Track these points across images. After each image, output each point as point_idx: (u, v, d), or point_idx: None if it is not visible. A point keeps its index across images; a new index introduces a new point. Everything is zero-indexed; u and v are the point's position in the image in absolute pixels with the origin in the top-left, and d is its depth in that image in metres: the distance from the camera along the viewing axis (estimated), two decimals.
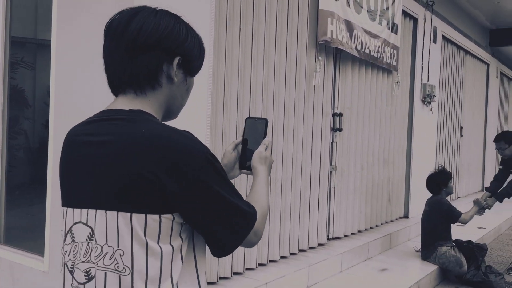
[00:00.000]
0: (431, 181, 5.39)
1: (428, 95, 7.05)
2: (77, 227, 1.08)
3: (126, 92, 1.14)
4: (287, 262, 4.33)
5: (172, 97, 1.17)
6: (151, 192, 1.01)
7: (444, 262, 4.98)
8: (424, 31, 6.98)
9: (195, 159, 1.04)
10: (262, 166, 1.31)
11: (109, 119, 1.09)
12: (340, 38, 4.71)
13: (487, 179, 10.83)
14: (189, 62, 1.17)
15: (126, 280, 1.02)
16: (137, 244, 1.02)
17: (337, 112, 5.16)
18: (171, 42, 1.11)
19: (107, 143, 1.06)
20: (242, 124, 3.87)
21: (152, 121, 1.08)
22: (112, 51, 1.12)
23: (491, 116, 10.95)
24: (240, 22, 3.83)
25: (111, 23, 1.14)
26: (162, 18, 1.12)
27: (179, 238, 1.08)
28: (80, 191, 1.09)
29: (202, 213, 1.06)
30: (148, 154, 1.01)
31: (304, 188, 4.69)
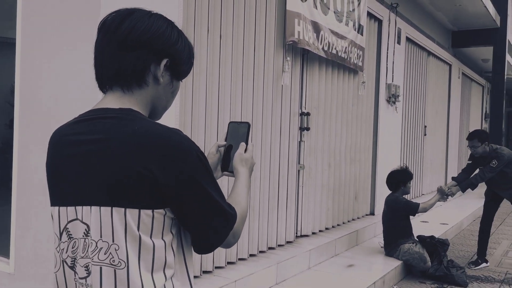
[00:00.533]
0: (391, 178, 5.53)
1: (392, 95, 7.23)
2: (73, 224, 1.11)
3: (113, 89, 1.16)
4: (256, 260, 4.38)
5: (157, 97, 1.20)
6: (144, 188, 1.04)
7: (408, 259, 5.12)
8: (388, 33, 7.16)
9: (186, 156, 1.07)
10: (243, 168, 1.34)
11: (100, 118, 1.11)
12: (307, 39, 4.79)
13: (450, 176, 11.17)
14: (177, 65, 1.20)
15: (122, 273, 1.05)
16: (130, 238, 1.05)
17: (305, 112, 5.25)
18: (161, 44, 1.15)
19: (100, 141, 1.08)
20: (211, 125, 3.91)
21: (143, 119, 1.11)
22: (103, 47, 1.15)
23: (453, 116, 11.29)
24: (208, 23, 3.85)
25: (106, 20, 1.16)
26: (155, 20, 1.16)
27: (170, 233, 1.11)
28: (73, 190, 1.11)
29: (190, 208, 1.10)
30: (141, 151, 1.05)
31: (273, 187, 4.75)
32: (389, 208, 5.40)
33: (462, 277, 5.00)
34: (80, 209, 1.10)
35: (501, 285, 5.04)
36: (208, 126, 3.92)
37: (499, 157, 5.38)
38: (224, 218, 1.14)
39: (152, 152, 1.05)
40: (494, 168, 5.38)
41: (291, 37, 4.60)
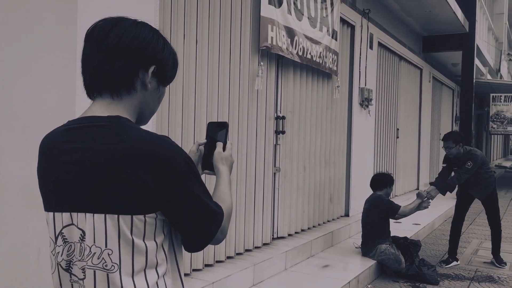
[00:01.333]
0: (377, 179, 5.71)
1: (365, 98, 7.39)
2: (69, 229, 1.16)
3: (102, 96, 1.21)
4: (233, 262, 4.43)
5: (145, 103, 1.25)
6: (136, 194, 1.09)
7: (384, 259, 5.25)
8: (361, 38, 7.32)
9: (175, 162, 1.13)
10: (223, 166, 1.40)
11: (90, 126, 1.15)
12: (280, 44, 4.89)
13: (422, 178, 11.44)
14: (163, 72, 1.25)
15: (115, 276, 1.11)
16: (124, 243, 1.11)
17: (280, 116, 5.34)
18: (149, 52, 1.20)
19: (91, 150, 1.12)
20: (188, 127, 3.96)
21: (132, 127, 1.16)
22: (92, 55, 1.19)
23: (424, 118, 11.56)
24: (184, 28, 3.91)
25: (94, 28, 1.20)
26: (142, 29, 1.21)
27: (162, 233, 1.17)
28: (68, 197, 1.15)
29: (181, 211, 1.15)
30: (132, 159, 1.09)
31: (249, 190, 4.82)
32: (371, 206, 5.52)
33: (433, 275, 5.15)
34: (76, 215, 1.14)
35: (471, 283, 5.21)
36: (185, 129, 3.97)
37: (473, 158, 5.55)
38: (212, 217, 1.20)
39: (142, 160, 1.10)
40: (470, 170, 5.55)
41: (265, 42, 4.69)
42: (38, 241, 2.94)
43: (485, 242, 7.23)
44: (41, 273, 2.92)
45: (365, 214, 5.59)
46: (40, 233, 2.93)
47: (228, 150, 1.44)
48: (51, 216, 1.20)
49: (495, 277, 5.45)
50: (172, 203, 1.13)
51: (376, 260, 5.28)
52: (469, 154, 5.60)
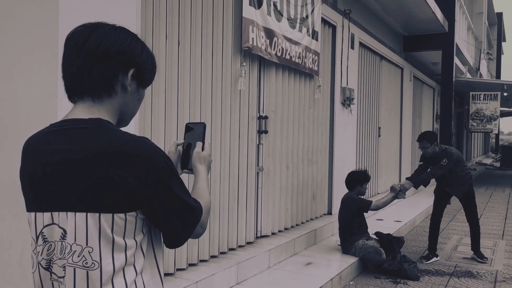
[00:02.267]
0: (350, 177, 5.81)
1: (347, 98, 7.48)
2: (49, 228, 1.19)
3: (84, 99, 1.25)
4: (217, 261, 4.47)
5: (125, 105, 1.29)
6: (117, 194, 1.14)
7: (364, 254, 5.34)
8: (342, 38, 7.41)
9: (155, 162, 1.17)
10: (202, 166, 1.45)
11: (71, 129, 1.19)
12: (260, 45, 4.94)
13: (404, 176, 11.58)
14: (142, 74, 1.30)
15: (95, 274, 1.15)
16: (104, 241, 1.15)
17: (263, 115, 5.39)
18: (128, 55, 1.24)
19: (73, 151, 1.16)
20: (170, 129, 3.99)
21: (112, 129, 1.20)
22: (72, 59, 1.23)
23: (406, 117, 11.72)
24: (166, 29, 3.93)
25: (73, 34, 1.24)
26: (121, 33, 1.25)
27: (141, 232, 1.22)
28: (49, 196, 1.19)
29: (161, 209, 1.20)
30: (113, 159, 1.14)
31: (232, 189, 4.86)
32: (343, 206, 5.65)
33: (414, 271, 5.26)
34: (57, 214, 1.18)
35: (450, 278, 5.33)
36: (168, 129, 3.99)
37: (449, 156, 5.72)
38: (191, 213, 1.26)
39: (123, 159, 1.14)
40: (444, 166, 5.71)
41: (246, 43, 4.74)
42: (21, 242, 2.95)
43: (465, 238, 7.38)
44: (25, 274, 2.93)
45: (340, 214, 5.72)
46: (22, 234, 2.93)
47: (207, 150, 1.49)
48: (33, 216, 1.23)
49: (474, 272, 5.58)
50: (152, 200, 1.18)
51: (358, 256, 5.37)
52: (444, 152, 5.78)
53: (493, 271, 5.62)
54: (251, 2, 4.79)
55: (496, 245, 7.02)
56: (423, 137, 5.85)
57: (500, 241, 7.30)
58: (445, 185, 5.97)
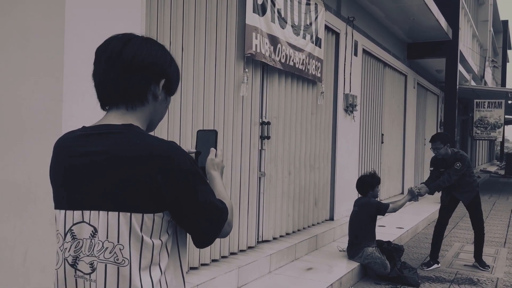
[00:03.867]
0: (360, 181, 5.82)
1: (350, 104, 7.52)
2: (78, 226, 1.26)
3: (119, 107, 1.33)
4: (218, 265, 4.51)
5: (155, 112, 1.38)
6: (148, 194, 1.21)
7: (370, 262, 5.35)
8: (346, 45, 7.46)
9: (183, 165, 1.24)
10: (216, 172, 1.51)
11: (105, 133, 1.27)
12: (263, 52, 5.00)
13: (407, 183, 11.60)
14: (170, 84, 1.38)
15: (125, 270, 1.22)
16: (134, 239, 1.22)
17: (265, 121, 5.44)
18: (160, 67, 1.33)
19: (106, 154, 1.24)
20: (173, 134, 4.04)
21: (143, 134, 1.28)
22: (107, 70, 1.30)
23: (409, 124, 11.74)
24: (170, 35, 4.00)
25: (107, 46, 1.31)
26: (153, 46, 1.34)
27: (166, 233, 1.28)
28: (81, 196, 1.26)
29: (190, 210, 1.27)
30: (144, 162, 1.21)
31: (234, 194, 4.91)
32: (360, 208, 5.62)
33: (414, 277, 5.27)
34: (88, 213, 1.25)
35: (451, 285, 5.34)
36: (171, 135, 4.05)
37: (462, 159, 5.70)
38: (219, 213, 1.33)
39: (154, 163, 1.21)
40: (459, 170, 5.69)
41: (249, 50, 4.80)
42: (24, 243, 3.00)
43: (467, 245, 7.39)
44: (28, 275, 2.98)
45: (354, 216, 5.68)
46: (26, 235, 2.99)
47: (220, 156, 1.55)
48: (63, 213, 1.30)
49: (474, 279, 5.59)
50: (180, 202, 1.25)
51: (362, 263, 5.38)
52: (457, 155, 5.75)
53: (493, 279, 5.62)
54: (255, 9, 4.85)
55: (498, 253, 7.01)
56: (437, 137, 5.81)
57: (502, 249, 7.30)
58: (454, 191, 5.93)
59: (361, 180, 5.88)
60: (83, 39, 2.99)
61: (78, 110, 2.94)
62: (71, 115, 2.92)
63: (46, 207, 2.87)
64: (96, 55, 1.33)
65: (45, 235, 2.93)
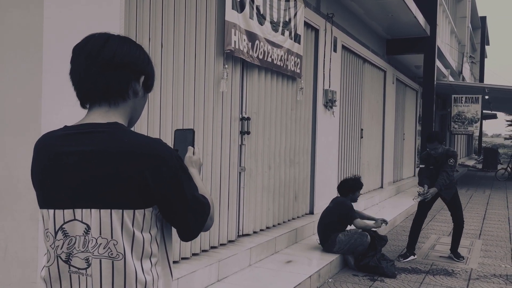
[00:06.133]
0: (343, 183, 5.98)
1: (329, 100, 7.63)
2: (70, 224, 1.30)
3: (101, 104, 1.36)
4: (199, 258, 4.57)
5: (135, 109, 1.43)
6: (138, 190, 1.26)
7: (352, 243, 5.46)
8: (325, 41, 7.55)
9: (170, 162, 1.30)
10: (194, 169, 1.54)
11: (91, 132, 1.31)
12: (242, 48, 5.06)
13: (386, 177, 11.79)
14: (149, 80, 1.44)
15: (119, 263, 1.27)
16: (126, 234, 1.27)
17: (245, 117, 5.50)
18: (139, 64, 1.38)
19: (94, 152, 1.28)
20: (153, 130, 4.08)
21: (129, 132, 1.32)
22: (87, 68, 1.33)
23: (388, 119, 11.92)
24: (149, 31, 4.03)
25: (86, 44, 1.35)
26: (131, 44, 1.39)
27: (155, 227, 1.34)
28: (70, 195, 1.29)
29: (176, 205, 1.32)
30: (133, 160, 1.26)
31: (215, 189, 4.97)
32: (334, 205, 5.79)
33: (391, 269, 5.42)
34: (79, 211, 1.29)
35: (426, 276, 5.49)
36: (151, 131, 4.09)
37: (454, 155, 5.89)
38: (203, 208, 1.38)
39: (142, 160, 1.26)
40: (454, 166, 5.88)
41: (229, 46, 4.85)
42: (4, 240, 3.02)
43: (443, 237, 7.57)
44: (9, 270, 3.01)
45: (326, 212, 5.82)
46: (7, 232, 3.01)
47: (197, 154, 1.60)
48: (52, 213, 1.32)
49: (449, 270, 5.75)
50: (167, 197, 1.30)
51: (343, 250, 5.50)
52: (449, 152, 5.95)
53: (467, 269, 5.80)
54: (233, 5, 4.90)
55: (473, 245, 7.21)
56: (435, 138, 5.87)
57: (477, 241, 7.50)
58: None
59: (344, 182, 6.03)
60: (61, 36, 3.01)
61: (57, 107, 2.97)
62: (50, 111, 2.94)
63: (27, 203, 2.90)
64: (73, 53, 1.37)
65: (26, 230, 2.96)
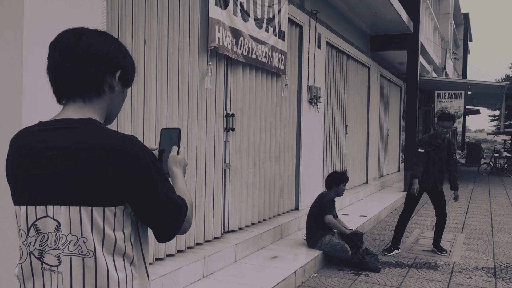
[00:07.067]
0: (329, 175, 6.05)
1: (314, 96, 7.66)
2: (43, 221, 1.29)
3: (75, 100, 1.34)
4: (184, 255, 4.57)
5: (112, 104, 1.41)
6: (108, 188, 1.24)
7: (330, 250, 5.51)
8: (309, 38, 7.58)
9: (143, 159, 1.27)
10: (178, 169, 1.51)
11: (64, 128, 1.30)
12: (226, 44, 5.06)
13: (371, 172, 11.88)
14: (126, 75, 1.41)
15: (90, 261, 1.25)
16: (96, 232, 1.25)
17: (230, 113, 5.51)
18: (114, 58, 1.36)
19: (66, 148, 1.26)
20: (137, 128, 4.07)
21: (102, 128, 1.30)
22: (62, 63, 1.32)
23: (373, 115, 12.01)
24: (132, 28, 4.01)
25: (60, 39, 1.34)
26: (107, 38, 1.37)
27: (129, 226, 1.31)
28: (42, 191, 1.28)
29: (149, 204, 1.29)
30: (104, 156, 1.23)
31: (199, 185, 4.97)
32: (316, 201, 5.84)
33: (375, 263, 5.47)
34: (51, 208, 1.28)
35: (410, 269, 5.56)
36: (134, 129, 4.07)
37: (455, 147, 6.02)
38: (177, 209, 1.35)
39: (114, 157, 1.24)
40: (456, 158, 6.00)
41: (213, 43, 4.85)
42: None
43: (427, 231, 7.67)
44: None
45: (311, 208, 5.86)
46: None
47: (182, 153, 1.58)
48: (24, 209, 1.31)
49: (432, 263, 5.83)
50: (139, 195, 1.28)
51: (327, 251, 5.54)
52: (451, 143, 6.11)
53: (450, 263, 5.88)
54: (217, 2, 4.90)
55: (455, 238, 7.32)
56: (451, 117, 6.02)
57: (460, 234, 7.61)
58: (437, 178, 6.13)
59: (330, 174, 6.10)
60: (42, 33, 2.98)
61: (38, 104, 2.95)
62: (32, 108, 2.92)
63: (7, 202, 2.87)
64: (49, 49, 1.36)
65: (8, 229, 2.93)
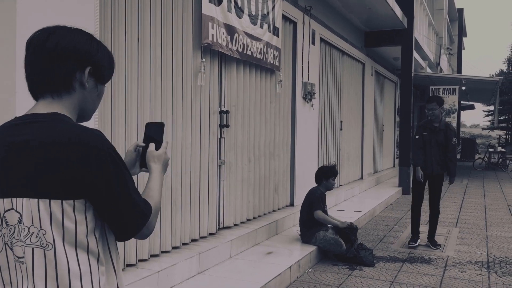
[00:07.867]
0: (318, 170, 6.05)
1: (308, 92, 7.69)
2: (10, 213, 1.31)
3: (45, 96, 1.37)
4: (179, 251, 4.60)
5: (85, 101, 1.41)
6: (66, 181, 1.24)
7: (325, 245, 5.55)
8: (303, 34, 7.59)
9: (102, 154, 1.27)
10: (155, 164, 1.52)
11: (31, 122, 1.32)
12: (220, 41, 5.07)
13: (366, 168, 11.92)
14: (100, 71, 1.40)
15: (50, 253, 1.26)
16: (55, 224, 1.26)
17: (224, 110, 5.52)
18: (83, 55, 1.36)
19: (29, 142, 1.28)
20: (131, 125, 4.08)
21: (65, 122, 1.31)
22: (33, 61, 1.35)
23: (367, 111, 12.04)
24: (125, 26, 4.01)
25: (33, 37, 1.36)
26: (76, 34, 1.37)
27: (93, 220, 1.31)
28: (9, 184, 1.30)
29: (105, 200, 1.29)
30: (62, 149, 1.24)
31: (194, 182, 4.98)
32: (306, 197, 5.86)
33: (369, 258, 5.51)
34: (15, 200, 1.30)
35: (404, 264, 5.60)
36: (128, 125, 4.08)
37: (454, 132, 6.09)
38: (137, 211, 1.35)
39: (71, 150, 1.25)
40: (457, 144, 6.03)
41: (206, 39, 4.85)
42: None
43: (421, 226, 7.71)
44: None
45: (303, 205, 5.91)
46: None
47: (162, 148, 1.57)
48: None
49: (426, 258, 5.88)
50: (96, 190, 1.28)
51: (321, 246, 5.57)
52: (450, 127, 6.10)
53: (444, 257, 5.93)
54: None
55: (450, 233, 7.37)
56: (433, 99, 6.07)
57: (454, 229, 7.67)
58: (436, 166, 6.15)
59: (319, 169, 6.11)
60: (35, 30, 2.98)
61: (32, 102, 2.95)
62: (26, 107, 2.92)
63: None
64: (25, 47, 1.38)
65: None
